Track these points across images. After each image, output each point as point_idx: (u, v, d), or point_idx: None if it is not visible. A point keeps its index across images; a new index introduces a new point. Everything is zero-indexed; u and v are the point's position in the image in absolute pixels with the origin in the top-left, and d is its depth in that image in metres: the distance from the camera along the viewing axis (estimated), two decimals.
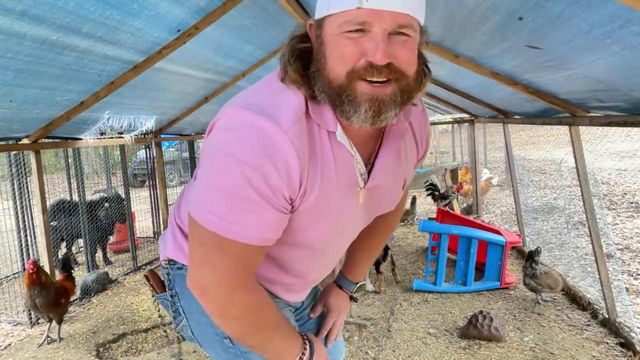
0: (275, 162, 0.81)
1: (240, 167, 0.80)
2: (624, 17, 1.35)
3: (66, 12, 2.15)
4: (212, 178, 0.84)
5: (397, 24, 0.78)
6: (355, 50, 0.79)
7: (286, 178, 0.83)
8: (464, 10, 2.22)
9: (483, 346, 2.93)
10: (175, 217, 1.16)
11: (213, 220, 0.84)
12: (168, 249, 1.15)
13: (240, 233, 0.84)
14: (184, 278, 1.01)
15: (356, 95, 0.81)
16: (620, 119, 2.22)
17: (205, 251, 0.88)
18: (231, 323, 0.95)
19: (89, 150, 6.43)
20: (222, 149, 0.83)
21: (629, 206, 6.43)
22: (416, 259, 4.81)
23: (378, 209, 1.10)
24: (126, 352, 3.29)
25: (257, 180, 0.80)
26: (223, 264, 0.88)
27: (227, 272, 0.88)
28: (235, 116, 0.84)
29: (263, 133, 0.81)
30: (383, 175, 0.99)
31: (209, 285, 0.90)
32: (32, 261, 3.27)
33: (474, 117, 6.29)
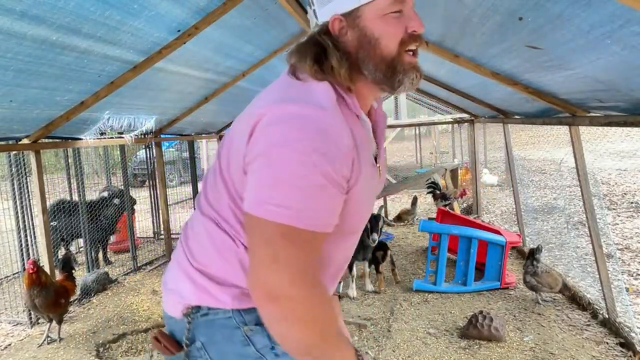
0: (337, 145, 0.85)
1: (304, 155, 0.82)
2: (624, 17, 1.35)
3: (66, 12, 2.15)
4: (278, 172, 0.83)
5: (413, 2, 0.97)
6: (402, 26, 0.94)
7: (345, 155, 0.86)
8: (464, 10, 2.22)
9: (483, 346, 2.93)
10: (190, 262, 1.04)
11: (284, 213, 0.82)
12: (188, 296, 1.02)
13: (313, 221, 0.84)
14: (212, 324, 0.98)
15: (405, 65, 0.96)
16: (620, 119, 2.22)
17: (275, 249, 0.83)
18: (300, 328, 0.85)
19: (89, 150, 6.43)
20: (282, 142, 0.83)
21: (629, 206, 6.43)
22: (416, 259, 4.81)
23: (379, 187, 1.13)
24: (126, 352, 3.29)
25: (324, 165, 0.82)
26: (295, 259, 0.84)
27: (302, 267, 0.85)
28: (282, 111, 0.86)
29: (317, 120, 0.84)
30: (382, 154, 1.09)
31: (280, 285, 0.83)
32: (32, 261, 3.27)
33: (474, 117, 6.30)
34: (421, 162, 12.67)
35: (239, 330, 0.98)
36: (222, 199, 0.99)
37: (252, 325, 0.98)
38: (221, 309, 0.99)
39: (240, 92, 4.99)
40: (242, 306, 0.98)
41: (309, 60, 0.93)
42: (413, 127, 13.21)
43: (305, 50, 0.96)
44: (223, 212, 0.99)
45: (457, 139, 11.63)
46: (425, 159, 13.07)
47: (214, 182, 1.02)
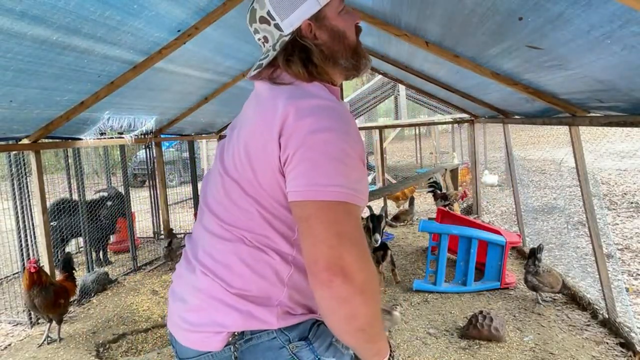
0: (356, 129, 0.95)
1: (341, 137, 0.89)
2: (624, 17, 1.35)
3: (66, 13, 2.15)
4: (324, 155, 0.87)
5: None
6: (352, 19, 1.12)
7: (362, 141, 0.98)
8: (464, 11, 2.22)
9: (483, 346, 2.93)
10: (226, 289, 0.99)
11: (338, 191, 0.86)
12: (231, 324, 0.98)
13: (362, 197, 0.90)
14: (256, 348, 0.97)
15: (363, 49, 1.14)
16: (620, 119, 2.22)
17: (337, 226, 0.86)
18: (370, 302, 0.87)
19: (89, 150, 6.43)
20: (320, 129, 0.89)
21: (629, 206, 6.43)
22: (416, 259, 4.81)
23: None
24: (126, 352, 3.29)
25: (355, 145, 0.91)
26: (356, 233, 0.87)
27: (360, 240, 0.88)
28: (306, 104, 0.94)
29: (338, 109, 0.95)
30: None
31: (350, 261, 0.84)
32: (34, 260, 3.27)
33: (474, 117, 6.30)
34: (421, 162, 12.67)
35: (285, 350, 0.98)
36: (251, 214, 0.98)
37: (297, 342, 0.98)
38: (265, 330, 0.97)
39: (240, 92, 4.99)
40: (287, 324, 0.98)
41: (299, 66, 1.05)
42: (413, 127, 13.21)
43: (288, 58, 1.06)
44: (252, 227, 0.98)
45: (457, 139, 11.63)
46: (425, 159, 13.07)
47: (233, 204, 1.00)
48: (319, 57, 1.05)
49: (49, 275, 3.38)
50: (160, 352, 3.17)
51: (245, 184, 0.97)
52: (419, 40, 3.03)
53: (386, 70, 5.77)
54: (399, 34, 3.05)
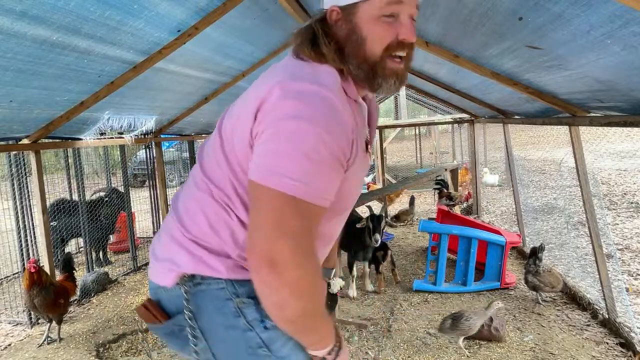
0: (340, 124, 0.89)
1: (316, 130, 0.85)
2: (624, 17, 1.35)
3: (66, 13, 2.15)
4: (289, 144, 0.85)
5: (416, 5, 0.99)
6: (392, 32, 0.97)
7: (347, 138, 0.92)
8: (464, 10, 2.22)
9: (483, 346, 2.93)
10: (183, 233, 1.04)
11: (291, 184, 0.85)
12: (184, 264, 1.02)
13: (316, 194, 0.87)
14: (204, 294, 1.01)
15: (386, 70, 0.99)
16: (620, 119, 2.22)
17: (279, 218, 0.85)
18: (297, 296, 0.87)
19: (89, 150, 6.43)
20: (295, 115, 0.86)
21: (629, 206, 6.43)
22: (416, 259, 4.81)
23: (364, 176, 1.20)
24: (126, 352, 3.29)
25: (331, 142, 0.87)
26: (300, 228, 0.86)
27: (303, 237, 0.87)
28: (294, 87, 0.90)
29: (326, 99, 0.89)
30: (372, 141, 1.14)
31: (283, 254, 0.84)
32: (34, 260, 3.27)
33: (474, 117, 6.29)
34: (421, 162, 12.67)
35: (231, 302, 1.00)
36: (222, 171, 1.00)
37: (245, 298, 1.00)
38: (215, 278, 1.00)
39: (240, 92, 4.94)
40: (236, 277, 1.00)
41: (307, 43, 1.00)
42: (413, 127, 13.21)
43: (302, 34, 1.02)
44: (221, 184, 1.01)
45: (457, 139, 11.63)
46: (425, 159, 13.07)
47: (213, 156, 1.04)
48: (324, 44, 0.98)
49: (49, 275, 3.38)
50: (160, 352, 3.17)
51: (225, 139, 1.02)
52: (419, 41, 3.03)
53: None
54: None
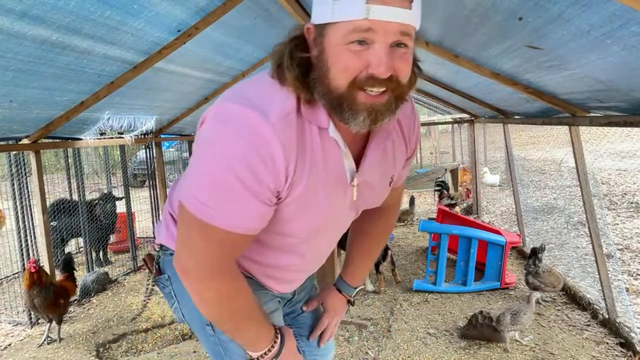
0: (262, 156, 0.84)
1: (228, 159, 0.84)
2: (624, 17, 1.35)
3: (66, 13, 2.15)
4: (201, 167, 0.88)
5: (400, 31, 0.81)
6: (359, 63, 0.82)
7: (272, 171, 0.86)
8: (464, 10, 2.22)
9: (483, 346, 2.93)
10: (168, 205, 1.21)
11: (198, 206, 0.88)
12: (161, 236, 1.21)
13: (222, 220, 0.88)
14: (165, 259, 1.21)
15: (355, 105, 0.84)
16: (620, 119, 2.22)
17: (190, 234, 0.92)
18: (207, 306, 1.00)
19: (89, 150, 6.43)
20: (211, 140, 0.86)
21: (629, 206, 6.43)
22: (416, 259, 4.81)
23: (364, 204, 1.12)
24: (126, 352, 3.29)
25: (244, 172, 0.84)
26: (204, 248, 0.92)
27: (207, 256, 0.93)
28: (226, 109, 0.87)
29: (250, 126, 0.83)
30: (370, 172, 1.02)
31: (190, 267, 0.95)
32: (34, 260, 3.27)
33: (474, 117, 6.29)
34: (421, 162, 12.67)
35: None
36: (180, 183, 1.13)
37: None
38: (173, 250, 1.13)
39: None
40: None
41: (274, 62, 0.92)
42: None
43: (276, 50, 0.94)
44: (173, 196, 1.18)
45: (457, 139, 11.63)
46: (425, 159, 13.07)
47: None
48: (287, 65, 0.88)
49: (49, 275, 3.38)
50: (160, 352, 3.17)
51: None
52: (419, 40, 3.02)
53: None
54: None
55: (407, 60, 0.85)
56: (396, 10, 0.78)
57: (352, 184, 1.00)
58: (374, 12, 0.77)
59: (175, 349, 3.17)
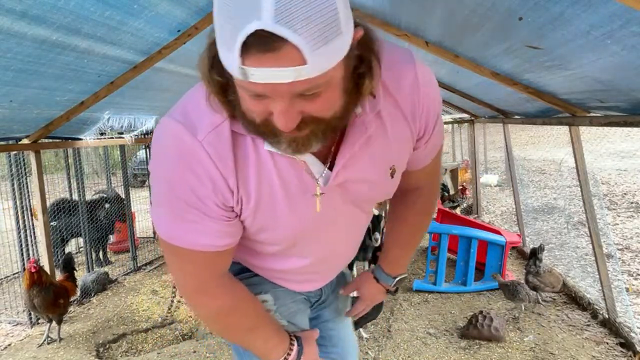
0: (197, 174, 0.81)
1: (169, 183, 0.83)
2: (624, 17, 1.35)
3: (66, 12, 2.15)
4: (154, 192, 0.87)
5: (296, 92, 0.66)
6: (262, 108, 0.71)
7: (211, 186, 0.82)
8: (464, 11, 2.22)
9: (483, 346, 2.93)
10: None
11: (161, 230, 0.88)
12: None
13: (186, 241, 0.87)
14: None
15: (275, 135, 0.75)
16: (620, 119, 2.22)
17: (168, 257, 0.94)
18: (204, 321, 1.06)
19: (89, 150, 6.44)
20: (152, 165, 0.85)
21: (629, 206, 6.43)
22: (416, 259, 4.81)
23: (363, 199, 1.02)
24: (126, 352, 3.29)
25: (186, 193, 0.82)
26: (181, 269, 0.94)
27: (186, 276, 0.95)
28: (162, 126, 0.84)
29: (181, 143, 0.80)
30: (355, 168, 0.92)
31: (179, 286, 0.99)
32: (34, 260, 3.27)
33: (474, 117, 6.29)
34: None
35: None
36: None
37: None
38: None
39: None
40: None
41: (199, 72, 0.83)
42: None
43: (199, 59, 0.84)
44: None
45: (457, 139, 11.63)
46: None
47: None
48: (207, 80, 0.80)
49: (49, 275, 3.38)
50: (160, 352, 3.17)
51: None
52: (419, 41, 3.03)
53: None
54: (399, 34, 3.04)
55: (322, 98, 0.70)
56: (281, 72, 0.62)
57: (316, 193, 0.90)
58: (253, 75, 0.63)
59: (175, 349, 3.17)
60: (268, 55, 0.61)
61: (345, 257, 1.21)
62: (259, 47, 0.60)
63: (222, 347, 3.11)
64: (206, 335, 3.35)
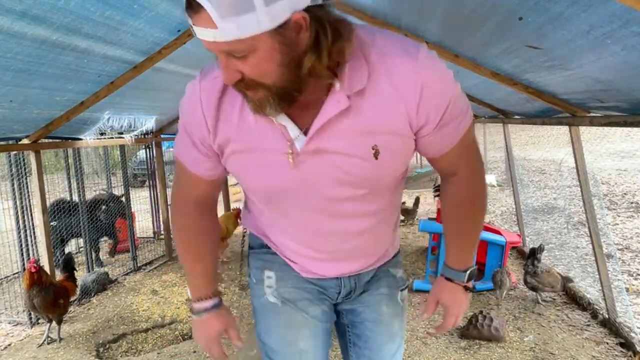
0: (190, 109, 1.05)
1: (180, 112, 1.09)
2: (624, 17, 1.35)
3: (66, 12, 2.15)
4: None
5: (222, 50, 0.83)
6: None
7: (196, 123, 1.04)
8: (464, 10, 2.22)
9: (483, 346, 2.93)
10: None
11: (175, 148, 1.15)
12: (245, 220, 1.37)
13: (183, 158, 1.13)
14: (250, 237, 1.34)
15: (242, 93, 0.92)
16: (620, 119, 2.22)
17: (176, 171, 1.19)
18: (172, 229, 1.28)
19: (89, 150, 6.44)
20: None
21: (629, 206, 6.43)
22: (416, 259, 4.81)
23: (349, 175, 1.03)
24: (126, 352, 3.29)
25: (183, 122, 1.09)
26: (178, 180, 1.19)
27: (177, 187, 1.20)
28: None
29: (191, 86, 1.05)
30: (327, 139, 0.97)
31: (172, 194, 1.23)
32: (34, 260, 3.27)
33: (474, 117, 6.29)
34: (421, 162, 12.67)
35: None
36: None
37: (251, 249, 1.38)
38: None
39: None
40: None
41: None
42: None
43: None
44: None
45: None
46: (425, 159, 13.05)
47: None
48: None
49: (49, 275, 3.38)
50: (160, 352, 3.17)
51: None
52: (419, 40, 3.03)
53: None
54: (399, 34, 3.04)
55: (250, 63, 0.83)
56: (201, 30, 0.80)
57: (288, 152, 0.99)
58: (194, 32, 0.83)
59: (175, 349, 3.17)
60: (195, 17, 0.79)
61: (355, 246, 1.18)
62: (190, 10, 0.79)
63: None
64: None
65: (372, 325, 1.31)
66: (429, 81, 0.96)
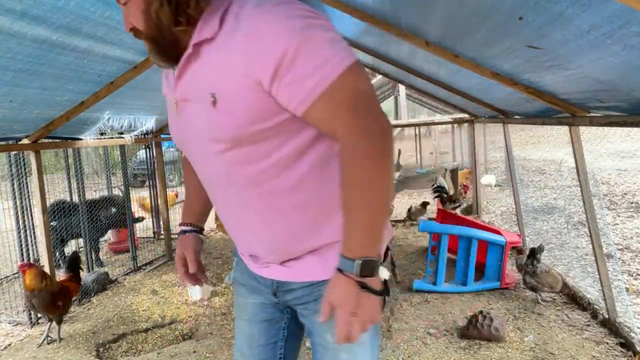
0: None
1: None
2: (624, 17, 1.35)
3: (66, 12, 2.15)
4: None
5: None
6: None
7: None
8: (464, 10, 2.22)
9: (483, 346, 2.93)
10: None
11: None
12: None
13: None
14: None
15: None
16: (620, 119, 2.22)
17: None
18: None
19: (89, 150, 6.43)
20: None
21: (629, 206, 6.43)
22: (416, 259, 4.81)
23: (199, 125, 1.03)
24: (126, 352, 3.29)
25: None
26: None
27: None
28: None
29: None
30: (182, 84, 1.08)
31: None
32: (22, 264, 3.28)
33: (474, 117, 6.29)
34: (421, 162, 12.67)
35: None
36: None
37: None
38: None
39: None
40: None
41: None
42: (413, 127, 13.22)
43: None
44: None
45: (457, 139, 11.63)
46: (425, 159, 13.07)
47: None
48: None
49: (48, 275, 3.37)
50: (160, 352, 3.17)
51: None
52: (419, 40, 3.03)
53: (386, 70, 5.76)
54: (400, 34, 3.05)
55: (131, 13, 1.01)
56: None
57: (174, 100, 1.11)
58: None
59: (175, 349, 3.17)
60: None
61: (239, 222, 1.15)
62: None
63: (222, 348, 3.11)
64: (206, 335, 3.35)
65: (320, 348, 1.19)
66: (260, 29, 0.91)
